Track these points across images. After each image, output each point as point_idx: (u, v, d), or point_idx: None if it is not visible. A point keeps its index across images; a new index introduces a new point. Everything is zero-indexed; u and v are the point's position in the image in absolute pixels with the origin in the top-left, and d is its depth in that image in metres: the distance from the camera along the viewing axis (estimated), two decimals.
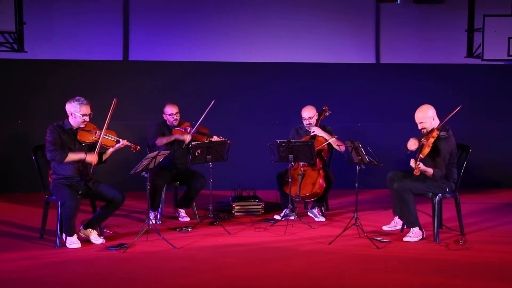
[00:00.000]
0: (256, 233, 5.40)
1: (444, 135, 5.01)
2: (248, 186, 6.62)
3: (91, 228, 4.97)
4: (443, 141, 4.99)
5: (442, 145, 4.99)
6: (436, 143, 4.97)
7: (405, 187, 5.05)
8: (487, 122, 8.21)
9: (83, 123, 4.94)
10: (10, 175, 7.72)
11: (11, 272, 4.17)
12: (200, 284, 3.95)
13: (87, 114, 4.93)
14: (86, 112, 4.92)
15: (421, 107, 5.13)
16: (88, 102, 4.96)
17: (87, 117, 4.93)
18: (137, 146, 5.14)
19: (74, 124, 4.96)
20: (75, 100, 4.92)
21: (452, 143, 5.06)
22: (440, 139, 4.98)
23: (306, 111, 6.11)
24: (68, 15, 8.03)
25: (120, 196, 4.96)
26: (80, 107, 4.89)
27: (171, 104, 6.03)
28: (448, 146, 5.01)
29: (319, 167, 5.90)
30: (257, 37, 8.31)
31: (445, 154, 5.00)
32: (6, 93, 7.78)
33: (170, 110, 5.97)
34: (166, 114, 6.01)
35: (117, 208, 5.05)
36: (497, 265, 4.39)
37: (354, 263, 4.43)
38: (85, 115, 4.91)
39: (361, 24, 8.46)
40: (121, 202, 5.00)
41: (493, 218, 6.08)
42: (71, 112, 4.93)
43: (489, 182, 8.18)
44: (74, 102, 4.92)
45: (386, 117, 8.12)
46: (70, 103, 4.93)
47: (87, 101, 4.96)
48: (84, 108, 4.91)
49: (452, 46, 8.40)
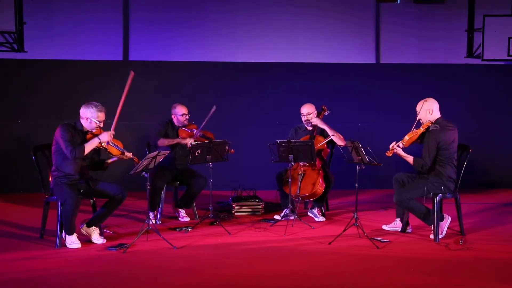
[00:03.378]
0: (256, 233, 5.40)
1: (435, 129, 5.02)
2: (248, 186, 6.62)
3: (94, 225, 4.97)
4: (431, 133, 5.03)
5: (428, 137, 5.03)
6: (424, 135, 5.03)
7: (404, 197, 5.06)
8: (487, 122, 8.22)
9: (96, 128, 4.94)
10: (10, 175, 7.73)
11: (11, 272, 4.17)
12: (200, 284, 3.94)
13: (102, 120, 4.94)
14: (103, 118, 4.94)
15: (422, 100, 5.17)
16: (104, 109, 4.95)
17: (101, 123, 4.95)
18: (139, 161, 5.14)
19: (87, 127, 4.94)
20: (93, 106, 4.88)
21: (443, 137, 5.00)
22: (429, 131, 5.02)
23: (305, 107, 6.13)
24: (68, 15, 8.04)
25: (121, 193, 4.96)
26: (98, 114, 4.89)
27: (181, 105, 5.99)
28: (436, 139, 4.99)
29: (319, 167, 5.90)
30: (257, 37, 8.32)
31: (430, 147, 5.00)
32: (6, 93, 7.78)
33: (183, 110, 5.96)
34: (177, 115, 5.97)
35: (118, 204, 5.03)
36: (497, 265, 4.38)
37: (354, 263, 4.43)
38: (101, 122, 4.93)
39: (361, 24, 8.47)
40: (123, 199, 4.99)
41: (493, 218, 6.08)
42: (87, 117, 4.89)
43: (489, 182, 8.19)
44: (92, 108, 4.88)
45: (386, 117, 8.12)
46: (88, 109, 4.89)
47: (103, 107, 4.95)
48: (101, 115, 4.92)
49: (452, 46, 8.41)
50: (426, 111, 5.09)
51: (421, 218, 5.11)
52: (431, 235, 5.10)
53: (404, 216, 5.32)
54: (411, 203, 5.06)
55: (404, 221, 5.33)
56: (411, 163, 5.07)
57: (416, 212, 5.09)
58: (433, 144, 5.01)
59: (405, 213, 5.28)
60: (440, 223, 5.09)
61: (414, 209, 5.09)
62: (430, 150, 5.01)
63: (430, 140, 5.02)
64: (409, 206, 5.08)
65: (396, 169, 5.65)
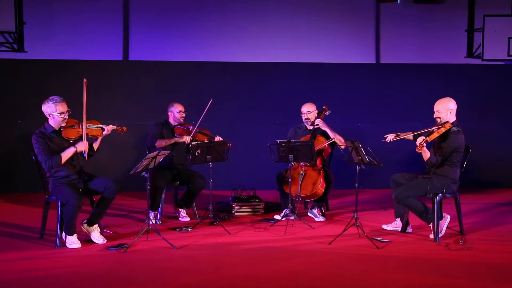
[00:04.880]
0: (256, 233, 5.40)
1: (456, 131, 5.02)
2: (248, 186, 6.62)
3: (95, 223, 4.94)
4: (452, 134, 5.02)
5: (450, 138, 5.01)
6: (446, 135, 5.01)
7: (403, 195, 5.06)
8: (487, 122, 8.22)
9: (63, 121, 4.86)
10: (10, 175, 7.73)
11: (11, 272, 4.17)
12: (200, 284, 3.94)
13: (64, 111, 4.83)
14: (63, 109, 4.83)
15: (444, 98, 5.15)
16: (63, 99, 4.85)
17: (65, 114, 4.84)
18: (123, 128, 5.11)
19: (54, 125, 4.87)
20: (49, 101, 4.81)
21: (460, 140, 5.05)
22: (451, 132, 5.02)
23: (306, 106, 6.15)
24: (68, 15, 8.04)
25: (110, 187, 4.86)
26: (56, 106, 4.80)
27: (178, 103, 6.03)
28: (455, 142, 5.01)
29: (319, 167, 5.90)
30: (257, 37, 8.32)
31: (449, 148, 5.01)
32: (6, 93, 7.78)
33: (180, 108, 5.99)
34: (174, 112, 5.99)
35: (110, 199, 4.94)
36: (497, 265, 4.38)
37: (354, 263, 4.43)
38: (62, 113, 4.82)
39: (361, 24, 8.47)
40: (112, 193, 4.89)
41: (493, 218, 6.08)
42: (48, 113, 4.84)
43: (489, 182, 8.19)
44: (49, 102, 4.81)
45: (386, 117, 8.12)
46: (45, 105, 4.83)
47: (61, 98, 4.85)
48: (60, 106, 4.81)
49: (452, 46, 8.42)
50: (448, 111, 5.08)
51: (419, 216, 5.11)
52: (431, 235, 5.10)
53: (404, 216, 5.32)
54: (410, 200, 5.05)
55: (404, 221, 5.34)
56: (426, 158, 5.04)
57: (414, 209, 5.09)
58: (451, 147, 5.01)
59: (405, 213, 5.28)
60: (440, 221, 5.10)
61: (412, 207, 5.08)
62: (447, 151, 5.01)
63: (450, 141, 5.01)
64: (407, 203, 5.08)
65: (396, 169, 5.65)
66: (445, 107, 5.09)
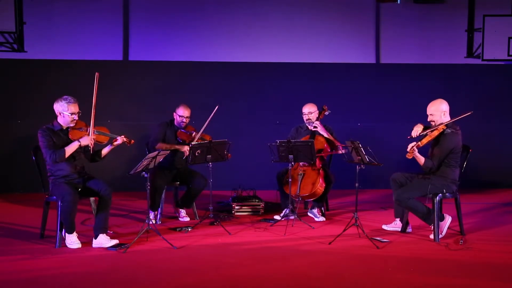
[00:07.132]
0: (256, 233, 5.40)
1: (450, 132, 5.01)
2: (248, 186, 6.62)
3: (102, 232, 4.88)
4: (447, 137, 5.01)
5: (444, 141, 5.01)
6: (440, 138, 5.00)
7: (404, 197, 5.06)
8: (487, 122, 8.21)
9: (72, 121, 4.91)
10: (10, 175, 7.73)
11: (11, 272, 4.17)
12: (200, 284, 3.94)
13: (75, 112, 4.89)
14: (75, 110, 4.89)
15: (436, 100, 5.15)
16: (76, 101, 4.92)
17: (75, 115, 4.90)
18: (131, 140, 5.12)
19: (63, 123, 4.93)
20: (63, 100, 4.88)
21: (456, 142, 5.04)
22: (444, 134, 5.01)
23: (307, 107, 6.15)
24: (68, 15, 8.04)
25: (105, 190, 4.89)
26: (68, 106, 4.85)
27: (185, 106, 5.94)
28: (450, 143, 5.00)
29: (319, 167, 5.90)
30: (257, 37, 8.32)
31: (445, 150, 5.01)
32: (6, 93, 7.78)
33: (182, 112, 5.91)
34: (177, 114, 5.98)
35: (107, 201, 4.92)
36: (497, 265, 4.38)
37: (354, 263, 4.43)
38: (73, 114, 4.88)
39: (361, 24, 8.47)
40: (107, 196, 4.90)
41: (493, 218, 6.08)
42: (60, 111, 4.89)
43: (489, 182, 8.19)
44: (62, 101, 4.87)
45: (386, 117, 8.12)
46: (58, 103, 4.89)
47: (75, 99, 4.91)
48: (72, 107, 4.87)
49: (452, 46, 8.42)
50: (441, 113, 5.08)
51: (421, 218, 5.11)
52: (431, 235, 5.10)
53: (404, 216, 5.32)
54: (411, 202, 5.05)
55: (404, 221, 5.33)
56: (421, 164, 5.05)
57: (416, 211, 5.08)
58: (446, 149, 5.00)
59: (405, 213, 5.28)
60: (440, 223, 5.10)
61: (414, 209, 5.08)
62: (442, 153, 5.01)
63: (444, 144, 5.00)
64: (409, 205, 5.07)
65: (396, 169, 5.64)
66: (438, 109, 5.08)
